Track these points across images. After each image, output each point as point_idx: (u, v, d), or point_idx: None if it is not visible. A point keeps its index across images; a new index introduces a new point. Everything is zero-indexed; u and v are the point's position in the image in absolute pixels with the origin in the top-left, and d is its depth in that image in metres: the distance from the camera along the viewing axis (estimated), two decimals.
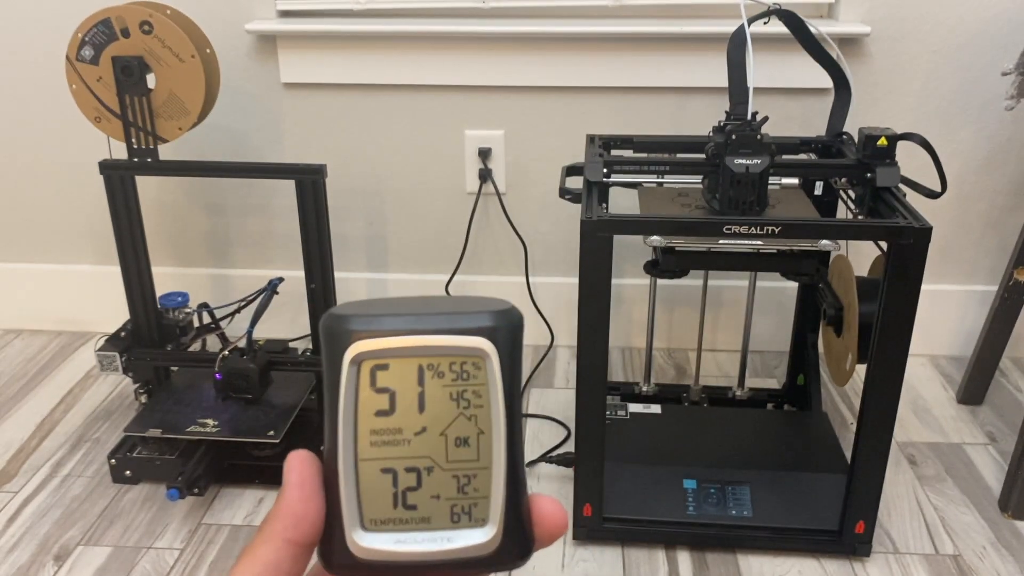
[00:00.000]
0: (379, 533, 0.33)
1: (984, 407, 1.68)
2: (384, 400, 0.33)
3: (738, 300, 1.84)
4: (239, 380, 1.46)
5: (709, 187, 1.25)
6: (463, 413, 0.33)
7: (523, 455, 0.34)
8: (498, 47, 1.67)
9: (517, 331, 0.33)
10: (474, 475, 0.33)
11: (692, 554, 1.32)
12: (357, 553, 0.33)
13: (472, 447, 0.33)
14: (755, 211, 1.18)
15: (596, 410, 1.24)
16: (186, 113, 1.40)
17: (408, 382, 0.33)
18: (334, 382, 0.33)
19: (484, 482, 0.33)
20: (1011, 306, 1.59)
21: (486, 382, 0.33)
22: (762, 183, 1.18)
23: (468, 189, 1.80)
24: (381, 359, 0.33)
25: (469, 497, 0.33)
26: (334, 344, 0.33)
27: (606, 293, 1.16)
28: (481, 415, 0.33)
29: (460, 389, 0.33)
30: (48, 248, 1.93)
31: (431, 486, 0.33)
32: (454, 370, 0.33)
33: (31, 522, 1.39)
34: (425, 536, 0.33)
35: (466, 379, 0.33)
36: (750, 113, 1.19)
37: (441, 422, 0.33)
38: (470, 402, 0.33)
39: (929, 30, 1.62)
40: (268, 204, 1.84)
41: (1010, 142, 1.69)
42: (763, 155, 1.17)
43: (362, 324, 0.33)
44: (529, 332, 1.90)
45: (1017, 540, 1.35)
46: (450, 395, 0.33)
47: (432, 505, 0.33)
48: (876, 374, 1.17)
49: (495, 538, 0.33)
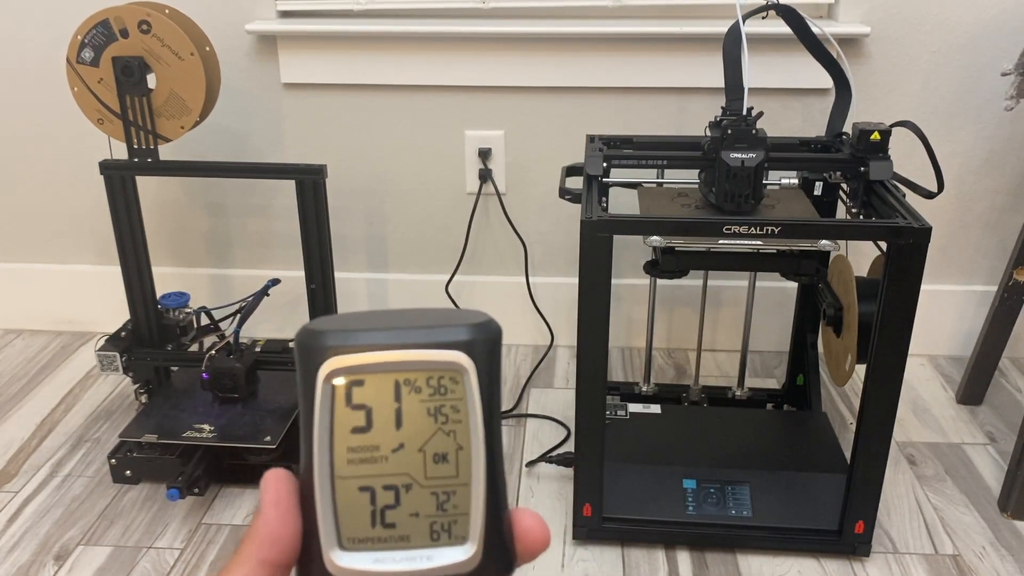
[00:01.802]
0: (357, 552, 0.33)
1: (984, 407, 1.68)
2: (360, 417, 0.32)
3: (738, 300, 1.84)
4: (225, 379, 1.46)
5: (706, 181, 1.26)
6: (441, 429, 0.33)
7: (503, 470, 0.33)
8: (498, 47, 1.67)
9: (495, 344, 0.33)
10: (453, 492, 0.33)
11: (692, 554, 1.32)
12: (335, 573, 0.32)
13: (451, 463, 0.33)
14: (750, 204, 1.19)
15: (596, 410, 1.24)
16: (188, 111, 1.40)
17: (385, 398, 0.32)
18: (309, 399, 0.32)
19: (464, 499, 0.33)
20: (1010, 306, 1.60)
21: (464, 396, 0.32)
22: (757, 177, 1.18)
23: (468, 189, 1.80)
24: (357, 375, 0.32)
25: (448, 514, 0.33)
26: (309, 360, 0.32)
27: (606, 293, 1.16)
28: (460, 430, 0.33)
29: (438, 404, 0.32)
30: (48, 248, 1.93)
31: (410, 504, 0.33)
32: (431, 385, 0.32)
33: (31, 522, 1.39)
34: (404, 555, 0.33)
35: (444, 394, 0.32)
36: (745, 108, 1.19)
37: (419, 438, 0.33)
38: (448, 417, 0.32)
39: (929, 30, 1.62)
40: (268, 204, 1.84)
41: (1010, 142, 1.69)
42: (758, 149, 1.18)
43: (337, 339, 0.32)
44: (529, 332, 1.90)
45: (1016, 540, 1.35)
46: (428, 410, 0.32)
47: (411, 523, 0.33)
48: (876, 374, 1.17)
49: (475, 556, 0.33)
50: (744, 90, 1.20)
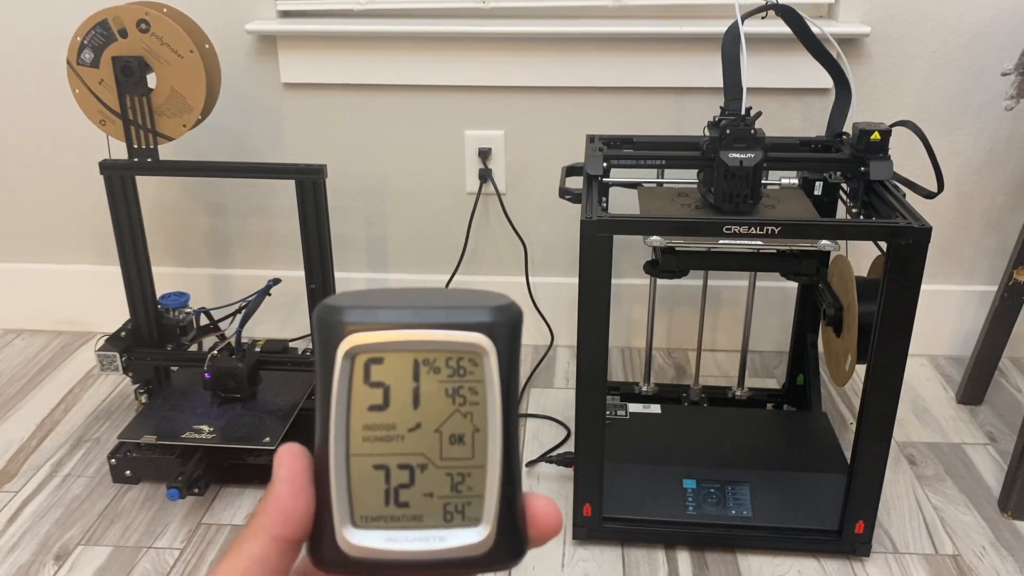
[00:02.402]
0: (370, 531, 0.32)
1: (983, 407, 1.68)
2: (378, 395, 0.32)
3: (738, 300, 1.84)
4: (228, 379, 1.46)
5: (704, 180, 1.26)
6: (459, 410, 0.32)
7: (519, 454, 0.33)
8: (498, 47, 1.67)
9: (516, 327, 0.33)
10: (468, 473, 0.33)
11: (692, 554, 1.32)
12: (347, 551, 0.32)
13: (467, 445, 0.33)
14: (748, 204, 1.19)
15: (596, 410, 1.24)
16: (189, 109, 1.40)
17: (403, 377, 0.32)
18: (327, 375, 0.32)
19: (478, 481, 0.33)
20: (1010, 306, 1.60)
21: (483, 379, 0.32)
22: (755, 177, 1.18)
23: (468, 189, 1.80)
24: (376, 352, 0.32)
25: (463, 496, 0.33)
26: (328, 336, 0.32)
27: (606, 293, 1.16)
28: (477, 412, 0.32)
29: (456, 385, 0.32)
30: (48, 248, 1.93)
31: (424, 483, 0.33)
32: (450, 366, 0.32)
33: (31, 522, 1.39)
34: (417, 535, 0.33)
35: (463, 375, 0.32)
36: (744, 108, 1.19)
37: (436, 419, 0.32)
38: (466, 399, 0.32)
39: (929, 30, 1.62)
40: (268, 204, 1.84)
41: (1010, 142, 1.69)
42: (756, 149, 1.18)
43: (357, 316, 0.32)
44: (529, 332, 1.90)
45: (1016, 540, 1.35)
46: (446, 391, 0.32)
47: (425, 503, 0.33)
48: (876, 374, 1.17)
49: (488, 538, 0.33)
50: (743, 90, 1.20)
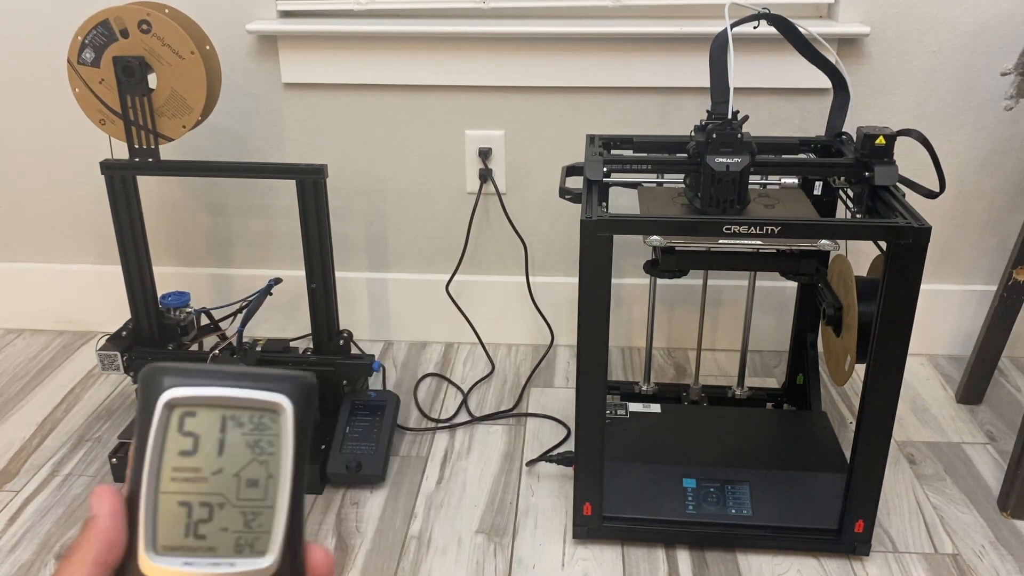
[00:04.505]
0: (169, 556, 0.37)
1: (983, 406, 1.69)
2: (189, 442, 0.37)
3: (738, 300, 1.84)
4: None
5: (691, 185, 1.26)
6: (256, 459, 0.38)
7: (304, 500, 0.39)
8: (498, 47, 1.67)
9: (312, 393, 0.38)
10: (260, 513, 0.38)
11: (692, 553, 1.32)
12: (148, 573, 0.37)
13: (261, 488, 0.38)
14: (735, 210, 1.19)
15: (596, 409, 1.24)
16: (189, 110, 1.40)
17: (211, 428, 0.37)
18: (146, 423, 0.37)
19: (268, 519, 0.38)
20: (1010, 306, 1.60)
21: (279, 434, 0.38)
22: (742, 182, 1.18)
23: (468, 189, 1.80)
24: (191, 406, 0.37)
25: (253, 531, 0.37)
26: (151, 389, 0.37)
27: (606, 293, 1.17)
28: (272, 462, 0.38)
29: (256, 438, 0.38)
30: (49, 248, 1.93)
31: (221, 519, 0.37)
32: (253, 421, 0.38)
33: (32, 521, 1.39)
34: (210, 561, 0.37)
35: (262, 430, 0.38)
36: (731, 112, 1.19)
37: (236, 465, 0.37)
38: (263, 449, 0.38)
39: (929, 30, 1.62)
40: (269, 204, 1.84)
41: (1009, 142, 1.69)
42: (743, 154, 1.17)
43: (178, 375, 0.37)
44: (529, 332, 1.91)
45: (1016, 539, 1.35)
46: (247, 442, 0.37)
47: (220, 536, 0.37)
48: (875, 374, 1.18)
49: (273, 565, 0.37)
50: (730, 93, 1.19)
